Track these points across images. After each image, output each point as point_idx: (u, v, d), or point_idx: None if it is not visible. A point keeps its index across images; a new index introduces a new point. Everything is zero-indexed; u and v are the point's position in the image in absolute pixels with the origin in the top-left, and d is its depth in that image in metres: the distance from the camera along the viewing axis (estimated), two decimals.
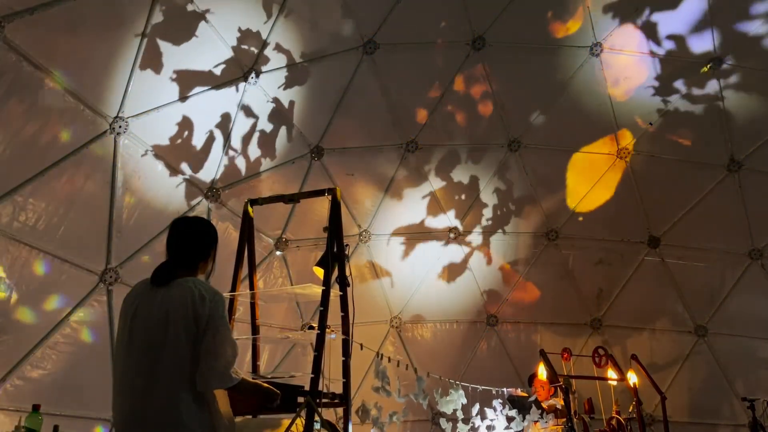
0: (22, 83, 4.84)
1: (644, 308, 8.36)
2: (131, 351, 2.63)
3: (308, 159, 7.55)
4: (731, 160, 7.60)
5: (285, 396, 3.42)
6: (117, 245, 5.88)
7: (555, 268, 8.38)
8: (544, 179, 8.08)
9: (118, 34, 5.39)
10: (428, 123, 7.67)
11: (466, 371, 8.16)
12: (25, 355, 5.20)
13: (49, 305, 5.44)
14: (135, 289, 2.80)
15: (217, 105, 6.49)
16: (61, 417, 5.13)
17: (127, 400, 2.57)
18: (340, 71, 7.17)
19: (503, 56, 7.30)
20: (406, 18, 6.93)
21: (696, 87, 7.30)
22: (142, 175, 6.04)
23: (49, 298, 5.43)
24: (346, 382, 4.32)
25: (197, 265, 2.84)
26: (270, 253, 7.87)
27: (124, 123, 5.67)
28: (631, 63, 7.25)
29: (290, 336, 6.21)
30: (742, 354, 7.97)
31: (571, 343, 8.09)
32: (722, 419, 8.01)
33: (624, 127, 7.68)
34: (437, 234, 8.32)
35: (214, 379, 2.57)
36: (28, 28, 4.67)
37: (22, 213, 5.09)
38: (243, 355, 5.02)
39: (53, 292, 5.44)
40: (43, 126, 5.10)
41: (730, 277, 8.01)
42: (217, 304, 2.65)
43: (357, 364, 4.68)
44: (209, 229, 2.95)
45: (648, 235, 8.14)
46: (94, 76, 5.38)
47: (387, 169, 7.90)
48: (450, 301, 8.49)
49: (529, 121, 7.69)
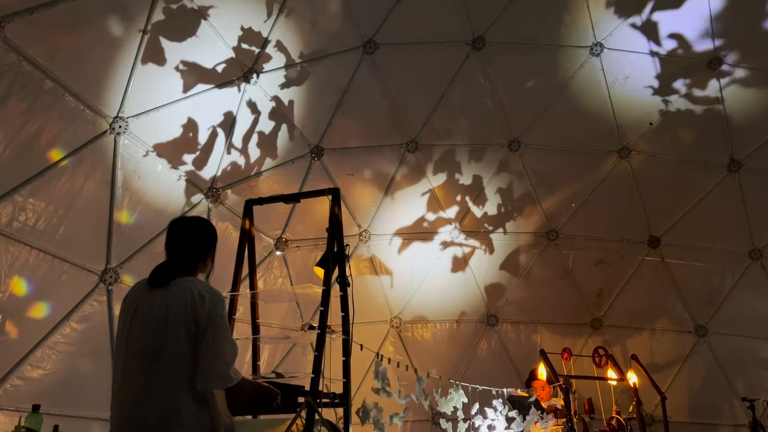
0: (22, 83, 4.84)
1: (644, 308, 8.36)
2: (131, 351, 2.62)
3: (308, 159, 7.55)
4: (731, 160, 7.59)
5: (285, 396, 3.43)
6: (117, 245, 5.89)
7: (555, 268, 8.39)
8: (544, 179, 8.07)
9: (118, 33, 5.38)
10: (428, 123, 7.66)
11: (466, 371, 8.16)
12: (25, 355, 5.20)
13: (49, 305, 5.43)
14: (134, 289, 2.80)
15: (217, 105, 6.49)
16: (61, 417, 5.12)
17: (127, 400, 2.56)
18: (340, 71, 7.17)
19: (503, 56, 7.29)
20: (406, 18, 6.93)
21: (696, 87, 7.30)
22: (142, 175, 6.04)
23: (49, 298, 5.42)
24: (346, 382, 4.32)
25: (196, 264, 2.84)
26: (270, 253, 7.87)
27: (124, 123, 5.68)
28: (631, 63, 7.24)
29: (290, 336, 6.21)
30: (742, 354, 7.97)
31: (571, 343, 8.11)
32: (722, 419, 8.01)
33: (624, 127, 7.67)
34: (437, 234, 8.32)
35: (214, 379, 2.57)
36: (28, 28, 4.67)
37: (22, 213, 5.08)
38: (243, 355, 5.03)
39: (53, 292, 5.44)
40: (43, 126, 5.09)
41: (730, 277, 8.01)
42: (216, 304, 2.65)
43: (357, 364, 4.68)
44: (208, 228, 2.95)
45: (648, 235, 8.15)
46: (94, 76, 5.38)
47: (387, 168, 7.89)
48: (450, 301, 8.49)
49: (529, 121, 7.69)
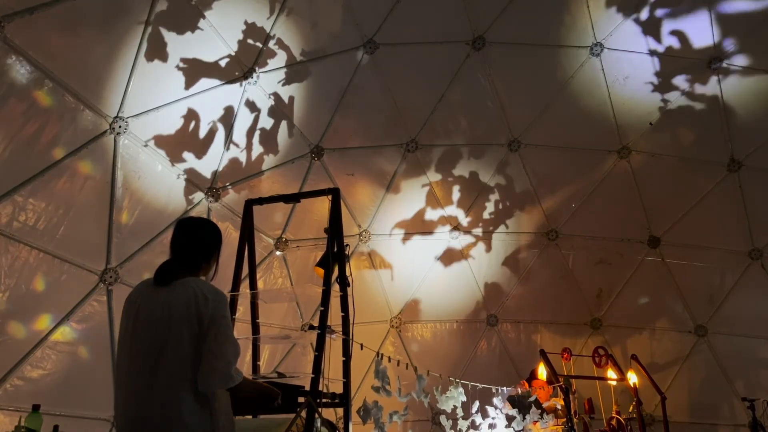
0: (22, 83, 4.84)
1: (644, 308, 8.36)
2: (133, 351, 2.63)
3: (308, 159, 7.55)
4: (731, 160, 7.59)
5: (285, 396, 3.43)
6: (117, 245, 5.89)
7: (555, 267, 8.39)
8: (544, 179, 8.08)
9: (117, 34, 5.39)
10: (428, 123, 7.66)
11: (466, 371, 8.16)
12: (25, 355, 5.20)
13: (49, 305, 5.43)
14: (137, 289, 2.80)
15: (217, 105, 6.49)
16: (61, 417, 5.12)
17: (129, 400, 2.56)
18: (340, 71, 7.17)
19: (503, 56, 7.29)
20: (406, 18, 6.93)
21: (696, 86, 7.30)
22: (142, 175, 6.04)
23: (49, 298, 5.42)
24: (346, 382, 4.32)
25: (200, 265, 2.84)
26: (270, 253, 7.87)
27: (124, 123, 5.68)
28: (631, 63, 7.24)
29: (290, 336, 6.22)
30: (742, 354, 7.96)
31: (571, 343, 8.11)
32: (722, 419, 8.01)
33: (624, 126, 7.67)
34: (437, 233, 8.31)
35: (216, 379, 2.57)
36: (28, 28, 4.67)
37: (22, 213, 5.09)
38: (243, 355, 5.03)
39: (53, 293, 5.43)
40: (43, 126, 5.09)
41: (730, 277, 8.01)
42: (219, 304, 2.65)
43: (357, 364, 4.68)
44: (214, 230, 2.96)
45: (648, 235, 8.15)
46: (94, 76, 5.39)
47: (387, 168, 7.90)
48: (450, 300, 8.50)
49: (529, 121, 7.69)
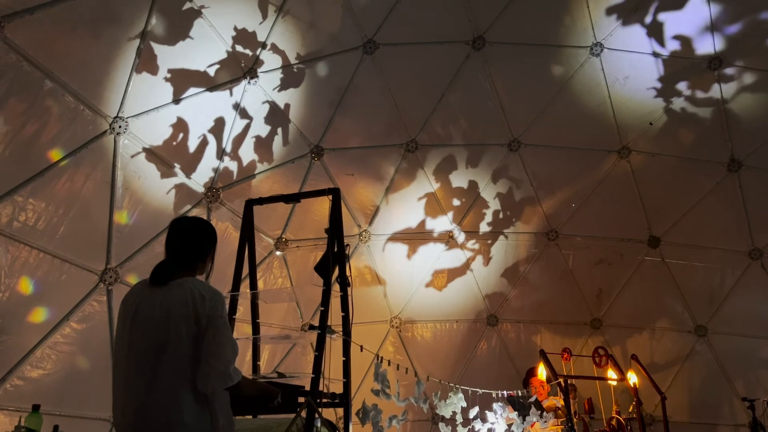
0: (22, 83, 4.84)
1: (644, 308, 8.36)
2: (132, 351, 2.63)
3: (308, 159, 7.55)
4: (731, 160, 7.59)
5: (285, 396, 3.43)
6: (117, 245, 5.89)
7: (555, 268, 8.39)
8: (544, 179, 8.07)
9: (118, 34, 5.38)
10: (428, 123, 7.66)
11: (465, 371, 8.17)
12: (25, 355, 5.20)
13: (49, 305, 5.43)
14: (134, 289, 2.80)
15: (217, 105, 6.49)
16: (61, 417, 5.13)
17: (128, 401, 2.56)
18: (340, 71, 7.16)
19: (503, 56, 7.28)
20: (406, 18, 6.92)
21: (696, 87, 7.29)
22: (142, 175, 6.04)
23: (49, 298, 5.42)
24: (346, 383, 4.32)
25: (196, 265, 2.84)
26: (270, 253, 7.87)
27: (124, 123, 5.68)
28: (631, 63, 7.24)
29: (290, 336, 6.22)
30: (742, 354, 7.97)
31: (571, 343, 8.11)
32: (722, 419, 8.01)
33: (624, 126, 7.67)
34: (437, 233, 8.31)
35: (215, 378, 2.57)
36: (28, 28, 4.67)
37: (22, 213, 5.08)
38: (243, 355, 5.03)
39: (53, 292, 5.43)
40: (43, 126, 5.09)
41: (730, 277, 8.01)
42: (216, 304, 2.65)
43: (357, 365, 4.68)
44: (208, 229, 2.95)
45: (648, 235, 8.15)
46: (94, 76, 5.38)
47: (387, 168, 7.89)
48: (450, 300, 8.49)
49: (529, 121, 7.69)
